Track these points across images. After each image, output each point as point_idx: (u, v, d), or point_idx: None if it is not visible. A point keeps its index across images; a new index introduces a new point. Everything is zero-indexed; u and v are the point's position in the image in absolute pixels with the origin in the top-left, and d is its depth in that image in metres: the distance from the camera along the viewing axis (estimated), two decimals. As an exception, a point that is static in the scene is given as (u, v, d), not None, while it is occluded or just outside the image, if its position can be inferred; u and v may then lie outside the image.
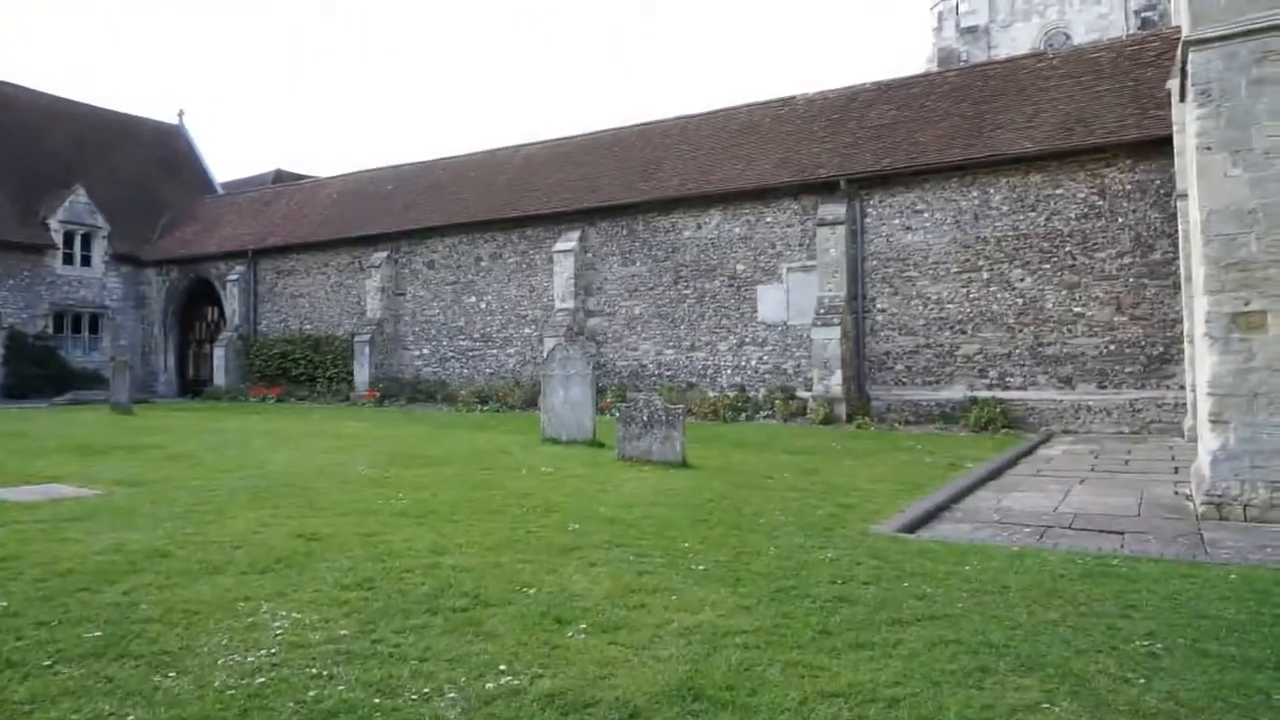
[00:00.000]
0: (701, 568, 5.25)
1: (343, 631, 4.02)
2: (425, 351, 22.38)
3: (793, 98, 19.66)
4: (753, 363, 17.68)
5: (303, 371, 23.85)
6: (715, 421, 16.21)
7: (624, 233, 19.37)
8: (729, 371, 17.91)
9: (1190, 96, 7.15)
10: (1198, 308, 7.42)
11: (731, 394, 17.38)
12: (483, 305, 21.46)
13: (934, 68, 39.81)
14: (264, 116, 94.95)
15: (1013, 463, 10.92)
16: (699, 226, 18.39)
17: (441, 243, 22.17)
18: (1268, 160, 6.70)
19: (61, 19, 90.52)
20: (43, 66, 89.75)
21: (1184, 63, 7.35)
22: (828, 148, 17.58)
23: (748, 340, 17.77)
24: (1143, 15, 32.84)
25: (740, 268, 17.86)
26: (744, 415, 16.71)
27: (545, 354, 13.78)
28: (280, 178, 33.07)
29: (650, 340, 18.91)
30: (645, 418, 9.98)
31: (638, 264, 19.16)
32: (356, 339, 22.66)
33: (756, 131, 19.10)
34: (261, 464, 10.10)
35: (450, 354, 21.92)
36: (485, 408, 19.12)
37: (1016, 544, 6.13)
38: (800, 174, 17.24)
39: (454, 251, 21.98)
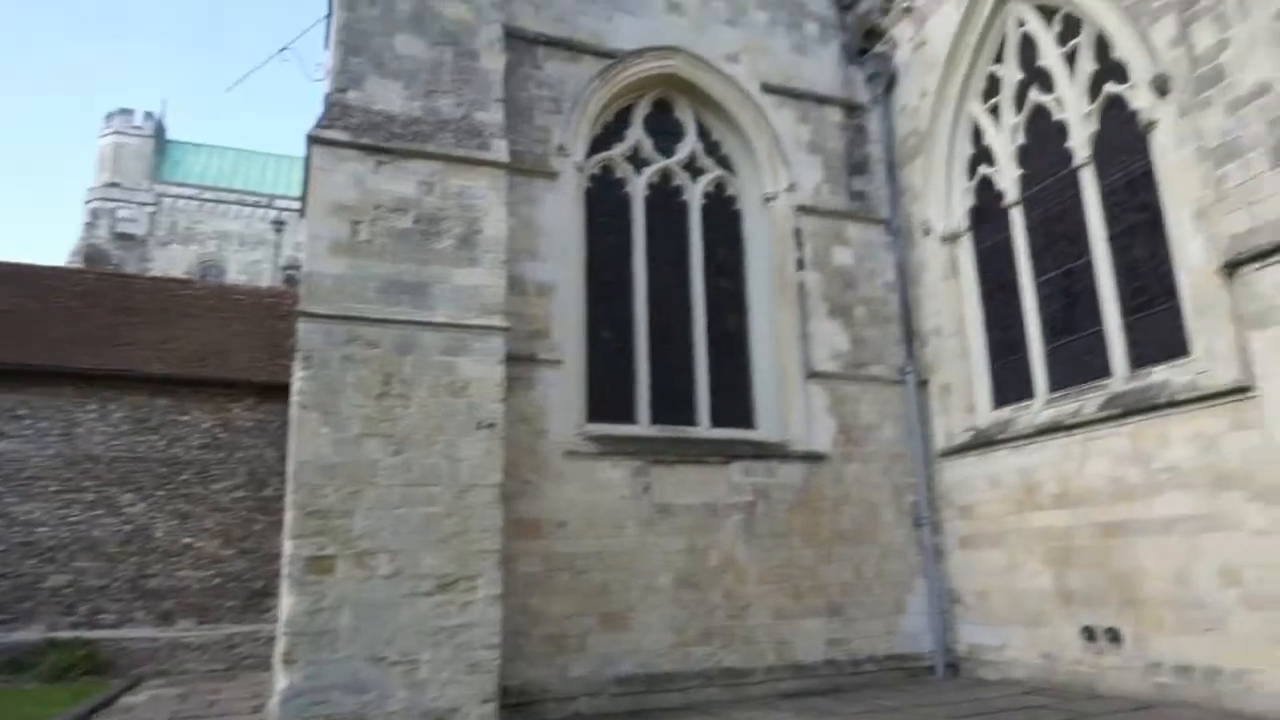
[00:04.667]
0: None
1: None
2: None
3: None
4: None
5: None
6: None
7: None
8: None
9: (297, 358, 8.04)
10: (284, 551, 7.95)
11: None
12: None
13: (80, 264, 36.98)
14: None
15: (86, 718, 9.61)
16: None
17: None
18: (349, 424, 7.85)
19: None
20: None
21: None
22: (-92, 323, 14.26)
23: None
24: (288, 271, 36.87)
25: None
26: None
27: None
28: None
29: None
30: None
31: None
32: None
33: None
34: None
35: None
36: None
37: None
38: None
39: None
